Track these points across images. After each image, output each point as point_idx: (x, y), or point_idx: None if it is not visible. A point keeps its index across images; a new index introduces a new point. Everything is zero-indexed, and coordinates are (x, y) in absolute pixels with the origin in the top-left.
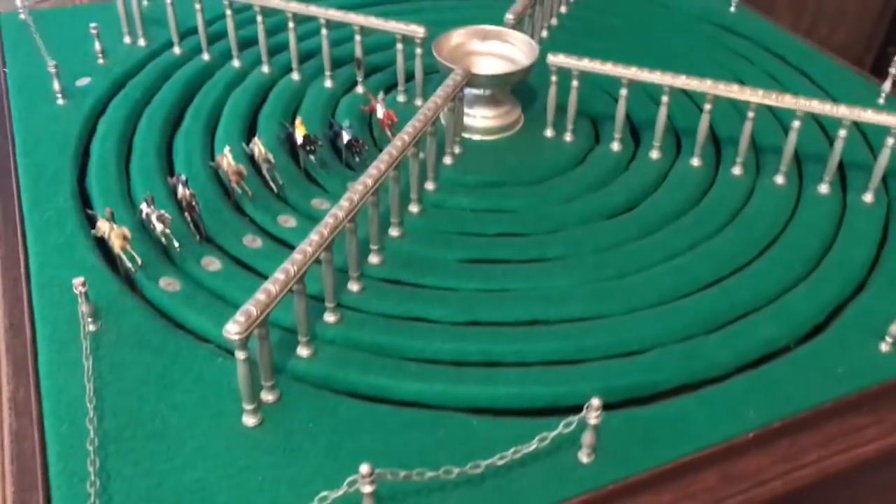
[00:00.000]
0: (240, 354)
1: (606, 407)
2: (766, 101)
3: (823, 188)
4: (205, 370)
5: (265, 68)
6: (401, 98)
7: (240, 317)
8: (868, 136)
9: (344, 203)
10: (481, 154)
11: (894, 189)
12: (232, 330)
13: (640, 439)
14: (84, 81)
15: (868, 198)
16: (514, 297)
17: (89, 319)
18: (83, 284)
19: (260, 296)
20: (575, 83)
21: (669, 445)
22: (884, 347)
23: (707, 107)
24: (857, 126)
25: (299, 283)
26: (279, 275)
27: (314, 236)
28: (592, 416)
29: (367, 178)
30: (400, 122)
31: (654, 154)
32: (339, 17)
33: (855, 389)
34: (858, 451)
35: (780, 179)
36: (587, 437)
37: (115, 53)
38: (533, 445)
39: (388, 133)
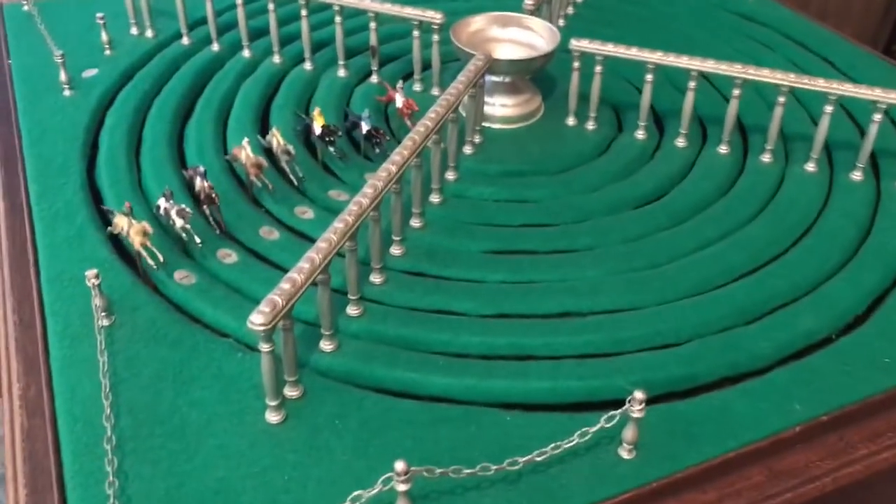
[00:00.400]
0: (264, 347)
1: (645, 401)
2: (799, 85)
3: (856, 175)
4: (224, 365)
5: (276, 58)
6: (417, 87)
7: (265, 307)
8: None
9: (368, 190)
10: (502, 143)
11: None
12: (256, 321)
13: (683, 434)
14: (91, 73)
15: None
16: (543, 288)
17: (103, 314)
18: (96, 277)
19: (285, 285)
20: (598, 69)
21: (713, 441)
22: None
23: (736, 92)
24: (886, 112)
25: (324, 272)
26: (304, 264)
27: (339, 224)
28: (636, 409)
29: (390, 165)
30: (420, 112)
31: (680, 142)
32: (355, 4)
33: None
34: None
35: (810, 167)
36: (629, 433)
37: (122, 45)
38: (573, 441)
39: (409, 123)
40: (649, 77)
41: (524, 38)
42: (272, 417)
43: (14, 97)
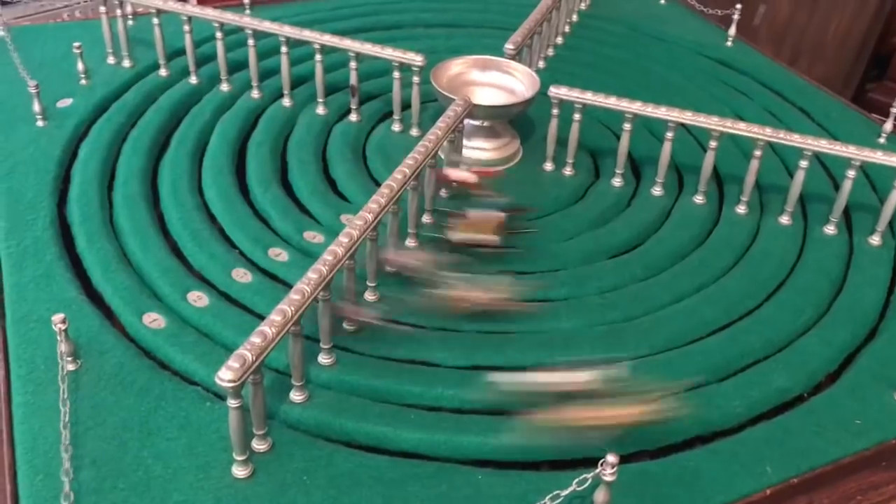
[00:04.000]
0: (232, 402)
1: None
2: (775, 140)
3: (829, 229)
4: (192, 415)
5: (255, 93)
6: (396, 127)
7: (234, 362)
8: (871, 177)
9: (343, 239)
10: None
11: None
12: (225, 377)
13: (654, 497)
14: (66, 102)
15: (875, 240)
16: (518, 340)
17: (69, 359)
18: (63, 322)
19: (255, 339)
20: (577, 116)
21: None
22: None
23: (712, 144)
24: (861, 166)
25: (296, 324)
26: (275, 316)
27: (312, 274)
28: (608, 473)
29: (366, 213)
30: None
31: (657, 190)
32: (335, 43)
33: (873, 444)
34: None
35: (785, 219)
36: (600, 496)
37: (98, 74)
38: None
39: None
40: (627, 126)
41: (504, 82)
42: (239, 472)
43: None
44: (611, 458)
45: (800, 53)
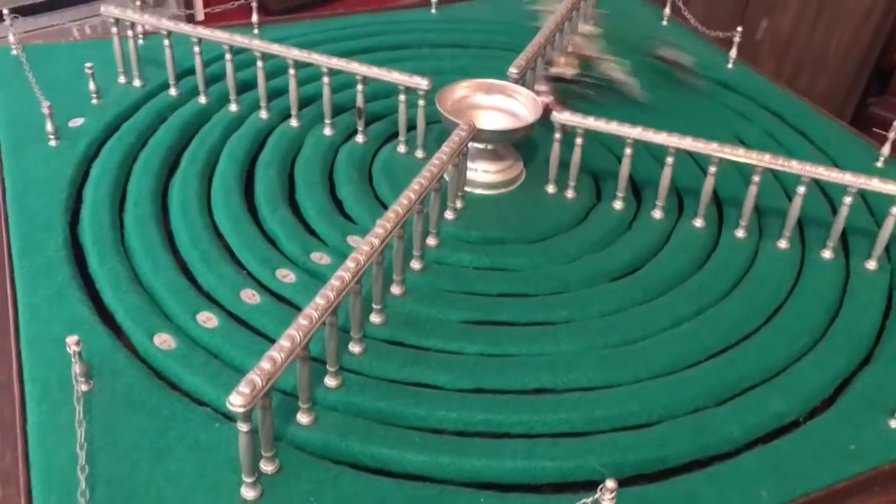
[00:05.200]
0: (242, 427)
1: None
2: (774, 166)
3: (826, 254)
4: (201, 436)
5: (263, 113)
6: (401, 148)
7: (244, 388)
8: (869, 201)
9: (350, 264)
10: (483, 209)
11: None
12: (236, 402)
13: None
14: (78, 122)
15: (871, 265)
16: (520, 362)
17: (81, 379)
18: (77, 344)
19: (265, 364)
20: (579, 141)
21: None
22: (893, 424)
23: (712, 169)
24: (859, 191)
25: (304, 349)
26: (284, 342)
27: (320, 300)
28: (607, 498)
29: (372, 238)
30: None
31: (657, 214)
32: (342, 67)
33: (866, 468)
34: None
35: (783, 244)
36: None
37: (109, 93)
38: None
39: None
40: (628, 151)
41: (508, 105)
42: (248, 493)
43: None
44: (610, 483)
45: (802, 67)
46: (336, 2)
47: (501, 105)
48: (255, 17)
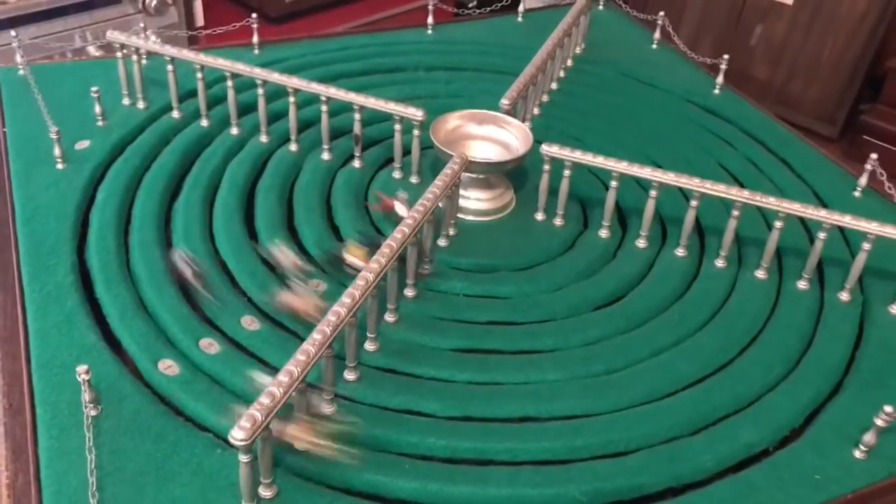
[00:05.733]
0: (243, 458)
1: None
2: (752, 202)
3: (802, 284)
4: (204, 461)
5: (263, 137)
6: (396, 175)
7: (245, 423)
8: (846, 233)
9: (346, 300)
10: (475, 236)
11: (869, 289)
12: (238, 436)
13: None
14: (84, 144)
15: (844, 296)
16: (507, 391)
17: (91, 405)
18: (87, 372)
19: (264, 399)
20: (567, 172)
21: None
22: (858, 454)
23: (693, 203)
24: (841, 230)
25: (302, 382)
26: (282, 377)
27: (317, 336)
28: None
29: (367, 273)
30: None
31: (641, 243)
32: (340, 97)
33: (830, 498)
34: None
35: (760, 274)
36: None
37: (114, 115)
38: None
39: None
40: (614, 183)
41: (500, 136)
42: None
43: (9, 169)
44: None
45: (795, 74)
46: (334, 9)
47: (493, 135)
48: (255, 39)
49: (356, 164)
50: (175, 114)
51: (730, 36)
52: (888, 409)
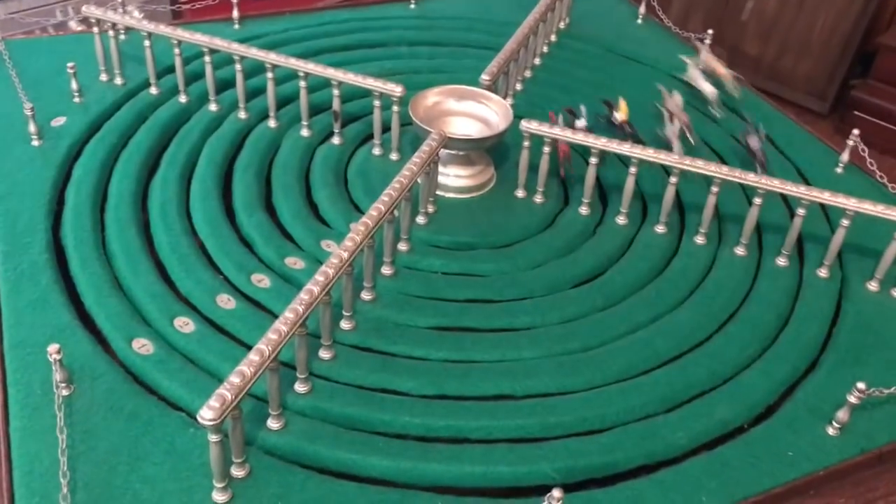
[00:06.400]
0: (213, 437)
1: (567, 488)
2: (731, 178)
3: (781, 261)
4: (176, 440)
5: (242, 114)
6: (377, 151)
7: (214, 402)
8: (827, 209)
9: (319, 278)
10: (454, 213)
11: (848, 266)
12: (207, 416)
13: None
14: (60, 121)
15: (823, 273)
16: (483, 369)
17: (62, 384)
18: (58, 352)
19: (234, 379)
20: (546, 149)
21: None
22: (831, 431)
23: (673, 180)
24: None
25: (273, 361)
26: (253, 356)
27: (289, 314)
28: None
29: (342, 251)
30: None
31: (621, 220)
32: (319, 72)
33: (803, 474)
34: None
35: (740, 251)
36: None
37: (91, 91)
38: None
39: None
40: (593, 160)
41: (480, 111)
42: (219, 497)
43: None
44: (556, 493)
45: (786, 49)
46: None
47: (473, 111)
48: (235, 13)
49: (335, 140)
50: (153, 90)
51: (721, 11)
52: (861, 385)
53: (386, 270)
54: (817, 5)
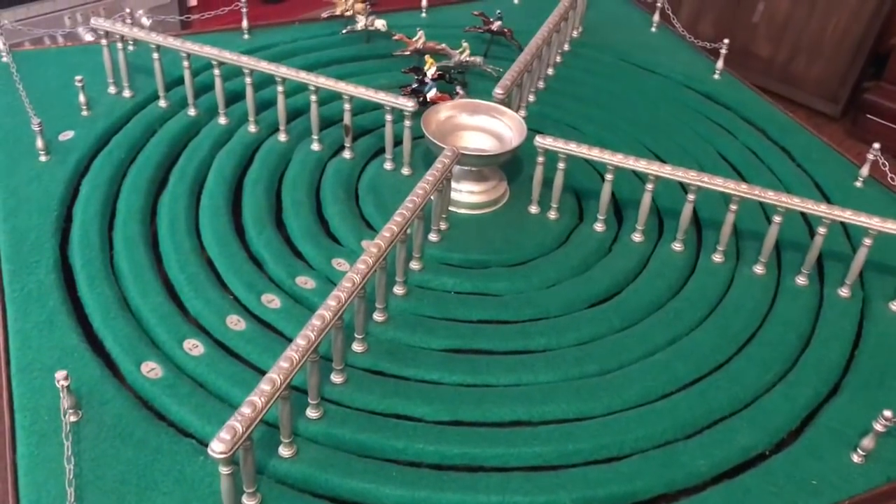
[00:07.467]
0: (224, 470)
1: None
2: (750, 196)
3: (801, 280)
4: (186, 469)
5: (252, 127)
6: (388, 165)
7: (225, 434)
8: (847, 227)
9: (331, 302)
10: (467, 230)
11: (869, 285)
12: (217, 449)
13: None
14: (68, 135)
15: (844, 292)
16: (498, 394)
17: (70, 411)
18: (66, 378)
19: (245, 410)
20: (561, 165)
21: None
22: (856, 459)
23: (691, 196)
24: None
25: (285, 390)
26: (265, 385)
27: (301, 341)
28: None
29: (354, 275)
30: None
31: (637, 237)
32: (330, 86)
33: None
34: None
35: (759, 269)
36: None
37: (99, 104)
38: None
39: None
40: (609, 176)
41: (493, 126)
42: None
43: None
44: None
45: (798, 51)
46: None
47: (486, 125)
48: (245, 24)
49: (346, 154)
50: (162, 103)
51: (732, 13)
52: (888, 413)
53: (398, 290)
54: (829, 7)
